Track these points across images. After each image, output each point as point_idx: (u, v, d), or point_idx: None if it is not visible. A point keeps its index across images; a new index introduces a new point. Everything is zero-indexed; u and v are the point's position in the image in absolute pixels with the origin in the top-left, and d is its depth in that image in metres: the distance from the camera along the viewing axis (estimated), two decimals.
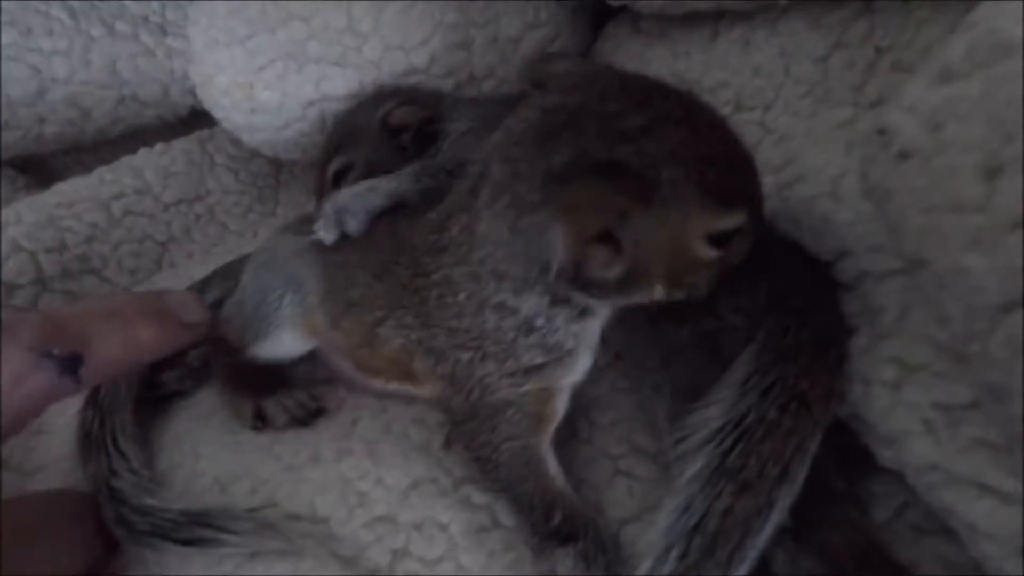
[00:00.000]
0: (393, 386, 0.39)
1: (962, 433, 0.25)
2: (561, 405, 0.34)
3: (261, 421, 0.39)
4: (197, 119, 0.71)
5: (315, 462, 0.37)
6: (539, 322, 0.31)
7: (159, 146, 0.65)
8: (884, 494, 0.32)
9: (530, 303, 0.30)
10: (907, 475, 0.28)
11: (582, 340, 0.32)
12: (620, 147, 0.26)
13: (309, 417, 0.40)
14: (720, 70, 0.45)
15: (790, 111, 0.40)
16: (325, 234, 0.39)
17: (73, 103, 0.64)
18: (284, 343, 0.41)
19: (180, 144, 0.66)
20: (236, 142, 0.67)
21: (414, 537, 0.33)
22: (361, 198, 0.40)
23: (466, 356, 0.33)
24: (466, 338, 0.32)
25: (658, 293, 0.29)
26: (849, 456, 0.31)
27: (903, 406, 0.27)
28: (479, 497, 0.35)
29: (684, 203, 0.26)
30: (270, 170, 0.71)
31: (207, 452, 0.38)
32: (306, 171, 0.67)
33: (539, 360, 0.31)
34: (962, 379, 0.25)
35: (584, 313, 0.31)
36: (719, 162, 0.27)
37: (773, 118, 0.41)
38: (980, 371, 0.21)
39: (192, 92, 0.69)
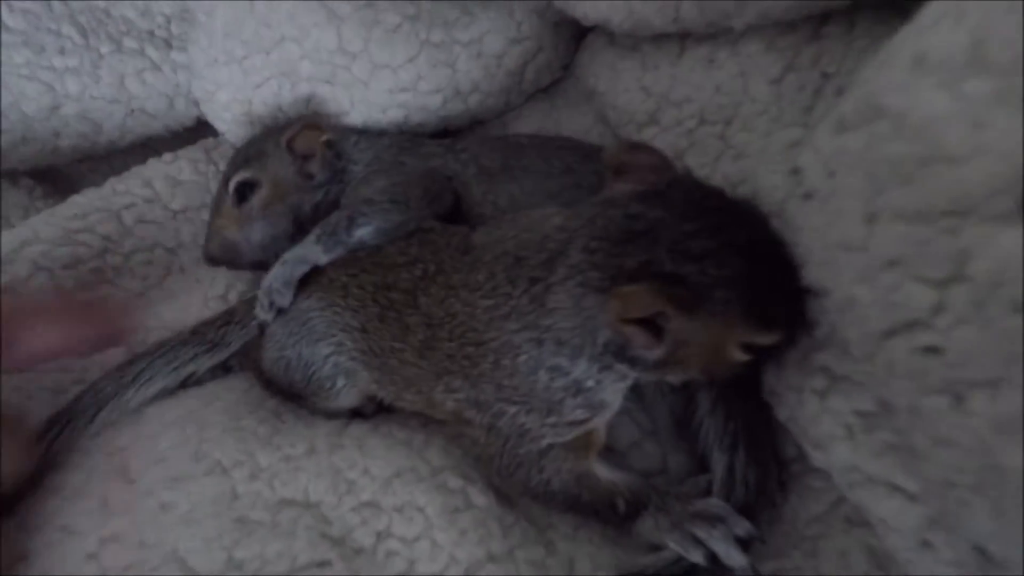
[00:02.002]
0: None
1: (875, 438, 0.28)
2: (601, 436, 0.38)
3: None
4: (201, 128, 0.74)
5: (310, 454, 0.41)
6: (588, 384, 0.35)
7: (167, 156, 0.69)
8: (820, 489, 0.35)
9: (582, 368, 0.35)
10: (833, 474, 0.31)
11: (620, 394, 0.37)
12: (686, 265, 0.30)
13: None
14: (685, 85, 0.47)
15: (747, 128, 0.43)
16: (263, 315, 0.46)
17: (85, 117, 0.67)
18: (343, 408, 0.46)
19: (186, 153, 0.69)
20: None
21: (395, 519, 0.37)
22: (280, 276, 0.46)
23: (512, 409, 0.37)
24: (514, 394, 0.36)
25: (689, 375, 0.34)
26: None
27: (829, 413, 0.30)
28: (454, 482, 0.40)
29: (729, 320, 0.31)
30: None
31: (211, 435, 0.42)
32: None
33: (582, 416, 0.36)
34: (869, 388, 0.28)
35: (627, 377, 0.36)
36: (769, 290, 0.31)
37: (732, 133, 0.44)
38: (873, 387, 0.24)
39: (196, 104, 0.72)
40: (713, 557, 0.34)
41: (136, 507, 0.39)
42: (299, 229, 0.52)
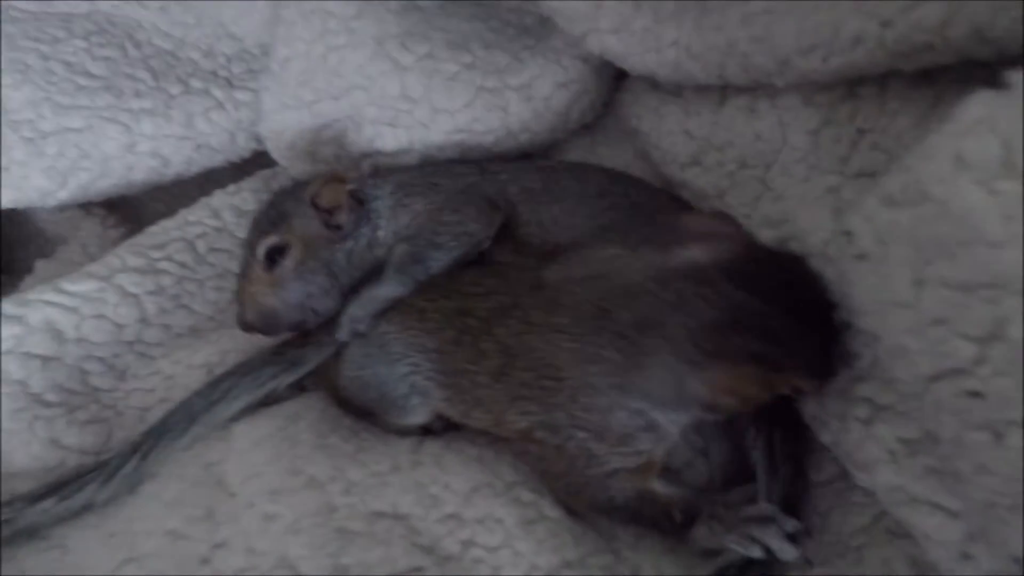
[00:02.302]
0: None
1: (918, 462, 0.32)
2: (661, 458, 0.43)
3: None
4: (257, 158, 0.80)
5: (395, 470, 0.45)
6: (663, 426, 0.40)
7: (231, 187, 0.73)
8: (863, 504, 0.39)
9: (661, 416, 0.40)
10: (877, 493, 0.35)
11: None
12: (770, 347, 0.36)
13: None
14: (726, 131, 0.51)
15: (787, 173, 0.47)
16: (344, 338, 0.51)
17: (157, 153, 0.72)
18: (414, 425, 0.50)
19: (248, 184, 0.74)
20: (294, 180, 0.75)
21: (478, 530, 0.42)
22: (362, 308, 0.50)
23: (582, 435, 0.41)
24: (588, 423, 0.40)
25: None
26: None
27: (873, 439, 0.34)
28: (527, 496, 0.44)
29: (788, 380, 0.37)
30: None
31: (303, 452, 0.46)
32: None
33: (649, 446, 0.40)
34: (914, 419, 0.32)
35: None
36: (826, 348, 0.37)
37: (772, 177, 0.48)
38: (919, 420, 0.28)
39: (255, 138, 0.77)
40: (768, 552, 0.39)
41: (241, 517, 0.44)
42: (335, 281, 0.53)
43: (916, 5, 0.31)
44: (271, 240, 0.52)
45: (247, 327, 0.54)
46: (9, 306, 0.56)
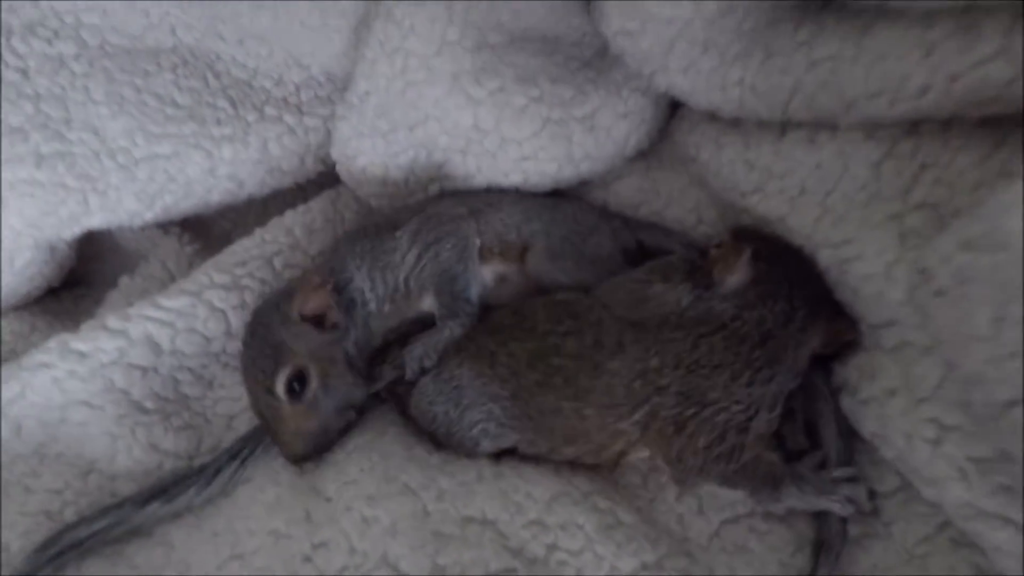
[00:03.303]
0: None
1: (990, 480, 0.34)
2: None
3: None
4: (319, 178, 0.84)
5: (480, 480, 0.48)
6: (785, 390, 0.48)
7: (301, 207, 0.78)
8: (926, 514, 0.41)
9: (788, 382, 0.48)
10: (945, 508, 0.37)
11: None
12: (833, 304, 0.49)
13: None
14: (787, 160, 0.54)
15: (847, 198, 0.50)
16: (411, 375, 0.53)
17: (234, 176, 0.77)
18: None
19: (316, 204, 0.79)
20: (359, 200, 0.80)
21: (560, 535, 0.45)
22: (426, 349, 0.53)
23: (737, 408, 0.46)
24: (746, 397, 0.46)
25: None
26: None
27: (943, 458, 0.37)
28: (603, 503, 0.47)
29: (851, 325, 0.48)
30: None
31: (395, 463, 0.50)
32: None
33: (780, 412, 0.48)
34: (987, 440, 0.35)
35: None
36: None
37: (832, 202, 0.51)
38: (995, 440, 0.31)
39: (322, 160, 0.82)
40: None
41: (340, 519, 0.48)
42: (358, 373, 0.54)
43: (985, 63, 0.34)
44: (285, 373, 0.50)
45: (302, 460, 0.52)
46: (113, 321, 0.61)
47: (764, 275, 0.49)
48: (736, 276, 0.49)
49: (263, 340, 0.53)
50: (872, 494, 0.45)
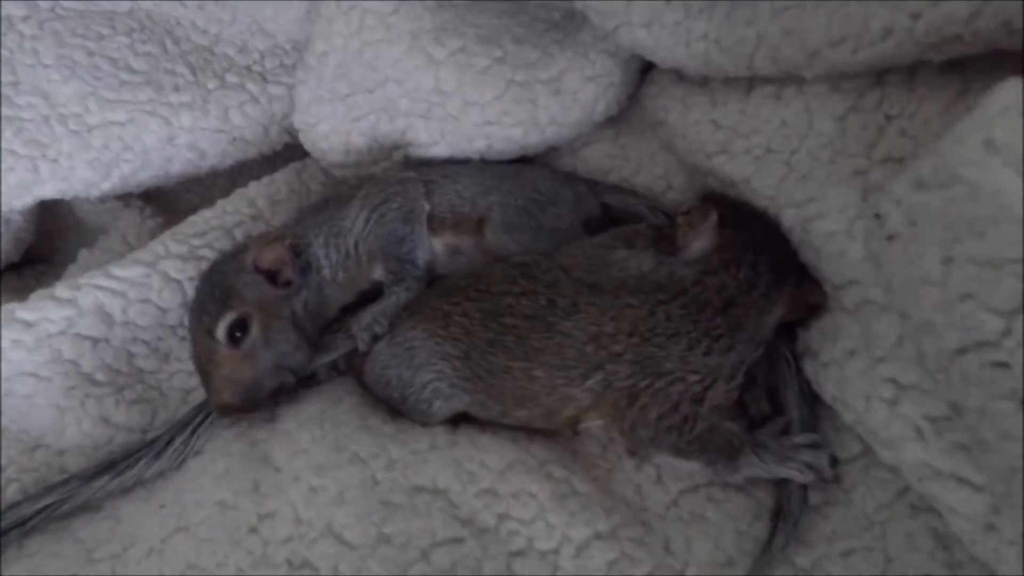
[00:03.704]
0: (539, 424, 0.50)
1: (945, 439, 0.33)
2: None
3: None
4: (287, 151, 0.82)
5: (433, 448, 0.47)
6: (746, 360, 0.47)
7: (265, 178, 0.76)
8: (885, 480, 0.40)
9: (755, 351, 0.47)
10: (903, 470, 0.36)
11: None
12: (797, 268, 0.48)
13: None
14: (753, 119, 0.52)
15: (812, 156, 0.48)
16: (363, 347, 0.53)
17: (194, 146, 0.75)
18: (433, 423, 0.51)
19: (281, 176, 0.77)
20: (325, 171, 0.77)
21: (512, 504, 0.44)
22: (379, 315, 0.52)
23: (694, 378, 0.45)
24: (703, 368, 0.45)
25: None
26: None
27: (899, 418, 0.35)
28: (559, 472, 0.46)
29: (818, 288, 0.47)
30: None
31: (346, 432, 0.48)
32: None
33: (740, 382, 0.47)
34: (940, 396, 0.33)
35: None
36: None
37: (797, 160, 0.49)
38: (946, 394, 0.29)
39: (287, 131, 0.80)
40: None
41: (288, 489, 0.46)
42: (302, 334, 0.53)
43: None
44: (229, 317, 0.50)
45: (228, 410, 0.50)
46: (62, 290, 0.59)
47: (729, 241, 0.47)
48: (700, 241, 0.47)
49: (214, 284, 0.53)
50: (834, 460, 0.44)
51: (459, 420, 0.52)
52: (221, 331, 0.50)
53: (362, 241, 0.56)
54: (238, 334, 0.50)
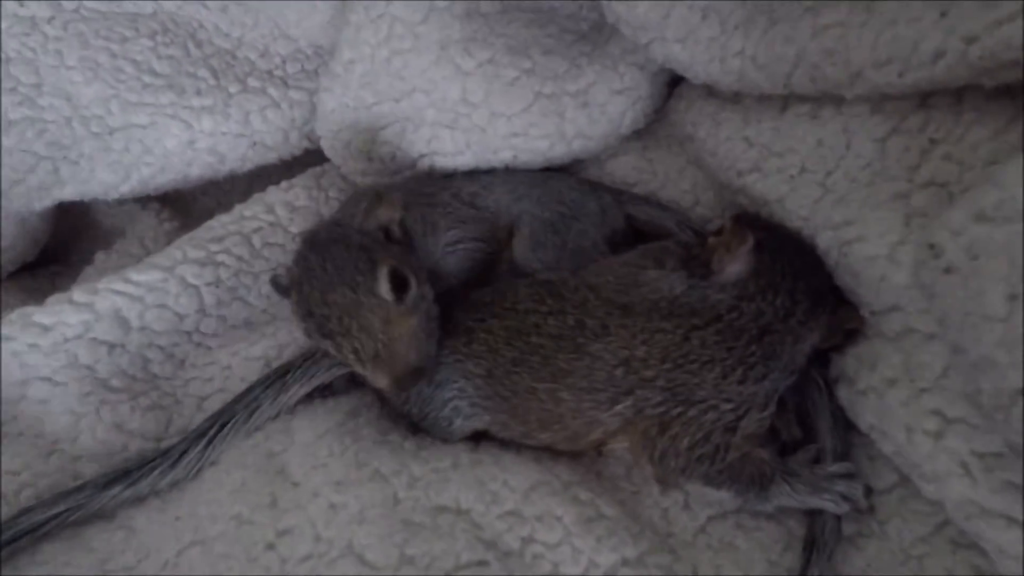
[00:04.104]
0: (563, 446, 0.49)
1: (995, 476, 0.32)
2: None
3: None
4: (306, 156, 0.81)
5: (455, 467, 0.46)
6: (779, 388, 0.46)
7: (284, 184, 0.75)
8: (924, 512, 0.39)
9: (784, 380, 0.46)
10: (946, 506, 0.35)
11: None
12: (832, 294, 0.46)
13: None
14: (788, 138, 0.51)
15: (849, 178, 0.47)
16: None
17: (214, 150, 0.75)
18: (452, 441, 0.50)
19: (300, 181, 0.76)
20: (344, 178, 0.77)
21: (537, 527, 0.43)
22: None
23: (727, 406, 0.44)
24: (736, 396, 0.44)
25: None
26: None
27: (945, 452, 0.34)
28: (584, 495, 0.45)
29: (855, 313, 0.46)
30: None
31: (366, 447, 0.47)
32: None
33: (773, 410, 0.46)
34: (994, 433, 0.32)
35: None
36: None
37: (834, 181, 0.48)
38: (1004, 433, 0.28)
39: (307, 137, 0.79)
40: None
41: (307, 506, 0.45)
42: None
43: (1004, 23, 0.31)
44: (386, 269, 0.45)
45: (412, 377, 0.45)
46: (79, 294, 0.58)
47: (766, 266, 0.46)
48: (736, 266, 0.46)
49: (345, 249, 0.46)
50: (868, 491, 0.42)
51: (480, 436, 0.51)
52: (385, 287, 0.44)
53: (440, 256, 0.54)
54: (399, 288, 0.45)
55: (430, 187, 0.60)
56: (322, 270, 0.46)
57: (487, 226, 0.57)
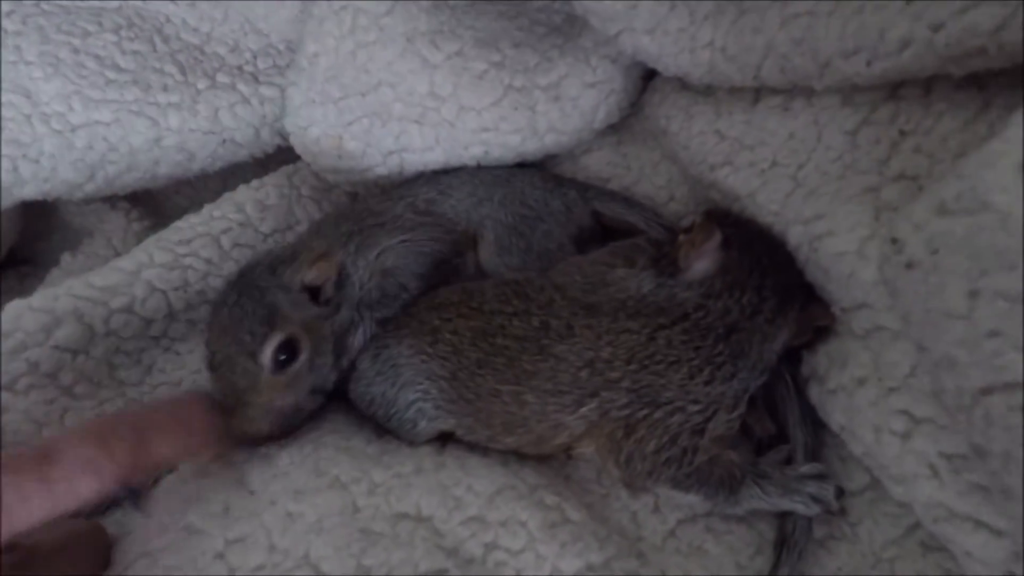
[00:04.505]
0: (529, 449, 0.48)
1: (962, 479, 0.31)
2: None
3: None
4: (279, 154, 0.80)
5: (418, 472, 0.45)
6: (750, 387, 0.44)
7: (255, 182, 0.74)
8: (895, 515, 0.38)
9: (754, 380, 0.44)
10: (915, 508, 0.34)
11: None
12: (804, 290, 0.45)
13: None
14: (759, 131, 0.50)
15: (820, 171, 0.46)
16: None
17: (183, 148, 0.73)
18: (418, 443, 0.49)
19: (271, 179, 0.74)
20: (317, 176, 0.75)
21: (501, 532, 0.41)
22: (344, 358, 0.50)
23: (694, 408, 0.43)
24: (703, 396, 0.43)
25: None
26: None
27: (912, 453, 0.33)
28: (550, 499, 0.43)
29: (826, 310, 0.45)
30: (347, 199, 0.79)
31: (327, 454, 0.46)
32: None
33: (743, 411, 0.45)
34: (960, 433, 0.31)
35: None
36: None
37: (804, 175, 0.47)
38: (967, 434, 0.27)
39: (279, 134, 0.77)
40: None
41: (261, 514, 0.44)
42: (339, 358, 0.50)
43: (969, 9, 0.30)
44: (276, 339, 0.45)
45: (263, 440, 0.47)
46: (39, 299, 0.57)
47: (733, 262, 0.45)
48: (703, 262, 0.45)
49: (256, 301, 0.47)
50: (840, 492, 0.41)
51: (447, 438, 0.50)
52: (267, 355, 0.45)
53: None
54: (284, 358, 0.46)
55: (383, 203, 0.58)
56: (227, 313, 0.48)
57: (440, 231, 0.55)
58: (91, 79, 0.66)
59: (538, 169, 0.64)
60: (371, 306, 0.51)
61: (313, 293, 0.49)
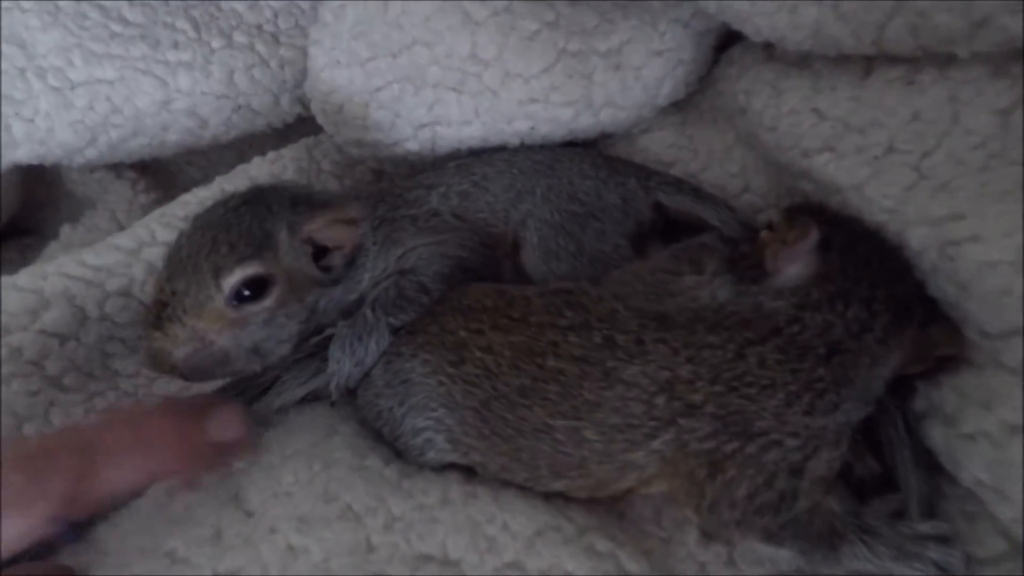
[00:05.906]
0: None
1: None
2: None
3: None
4: (299, 124, 0.73)
5: (444, 504, 0.38)
6: (853, 419, 0.37)
7: (271, 154, 0.67)
8: None
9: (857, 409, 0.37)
10: None
11: None
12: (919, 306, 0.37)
13: None
14: (872, 109, 0.41)
15: (955, 160, 0.37)
16: (335, 397, 0.43)
17: (194, 112, 0.66)
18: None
19: (289, 152, 0.68)
20: (340, 149, 0.68)
21: None
22: (358, 367, 0.42)
23: (793, 443, 0.35)
24: (803, 429, 0.35)
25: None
26: None
27: None
28: (602, 545, 0.36)
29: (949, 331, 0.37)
30: (372, 177, 0.72)
31: (338, 475, 0.39)
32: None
33: (844, 449, 0.37)
34: None
35: None
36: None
37: (932, 165, 0.38)
38: None
39: (300, 101, 0.71)
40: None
41: (259, 544, 0.37)
42: (305, 329, 0.44)
43: None
44: (251, 269, 0.40)
45: (167, 369, 0.41)
46: (26, 278, 0.51)
47: (834, 268, 0.37)
48: (796, 266, 0.37)
49: (256, 219, 0.41)
50: (967, 560, 0.33)
51: None
52: (232, 281, 0.39)
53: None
54: (247, 293, 0.40)
55: (415, 191, 0.51)
56: (220, 214, 0.42)
57: (475, 239, 0.47)
58: (94, 31, 0.60)
59: (588, 151, 0.55)
60: (387, 308, 0.43)
61: (318, 253, 0.44)
